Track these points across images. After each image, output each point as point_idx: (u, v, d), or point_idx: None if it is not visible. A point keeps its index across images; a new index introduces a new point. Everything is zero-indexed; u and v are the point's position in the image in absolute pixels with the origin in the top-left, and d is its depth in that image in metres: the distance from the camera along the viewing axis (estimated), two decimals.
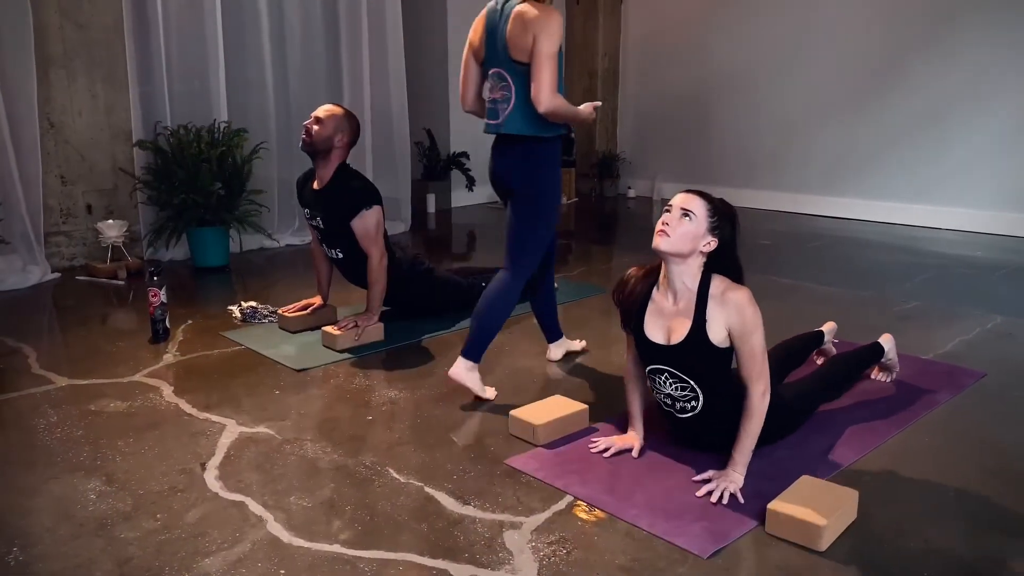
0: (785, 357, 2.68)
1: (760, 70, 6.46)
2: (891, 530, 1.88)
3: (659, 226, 2.04)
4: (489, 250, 5.30)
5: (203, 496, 2.02)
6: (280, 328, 3.41)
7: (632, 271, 2.22)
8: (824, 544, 1.78)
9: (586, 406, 2.44)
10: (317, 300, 3.47)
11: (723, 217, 2.06)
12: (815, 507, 1.82)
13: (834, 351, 2.94)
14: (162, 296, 3.26)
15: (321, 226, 3.25)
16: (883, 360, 2.76)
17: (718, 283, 2.04)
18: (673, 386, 2.12)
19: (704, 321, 2.02)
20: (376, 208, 3.17)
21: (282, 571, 1.71)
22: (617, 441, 2.27)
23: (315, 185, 3.24)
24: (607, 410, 2.55)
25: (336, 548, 1.80)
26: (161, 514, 1.93)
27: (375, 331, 3.24)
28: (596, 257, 5.16)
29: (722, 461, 2.10)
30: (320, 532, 1.86)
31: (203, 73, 4.70)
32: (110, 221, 4.36)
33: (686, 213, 2.02)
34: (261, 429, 2.42)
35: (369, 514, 1.94)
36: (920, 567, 1.73)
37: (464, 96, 2.72)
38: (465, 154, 6.64)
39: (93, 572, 1.70)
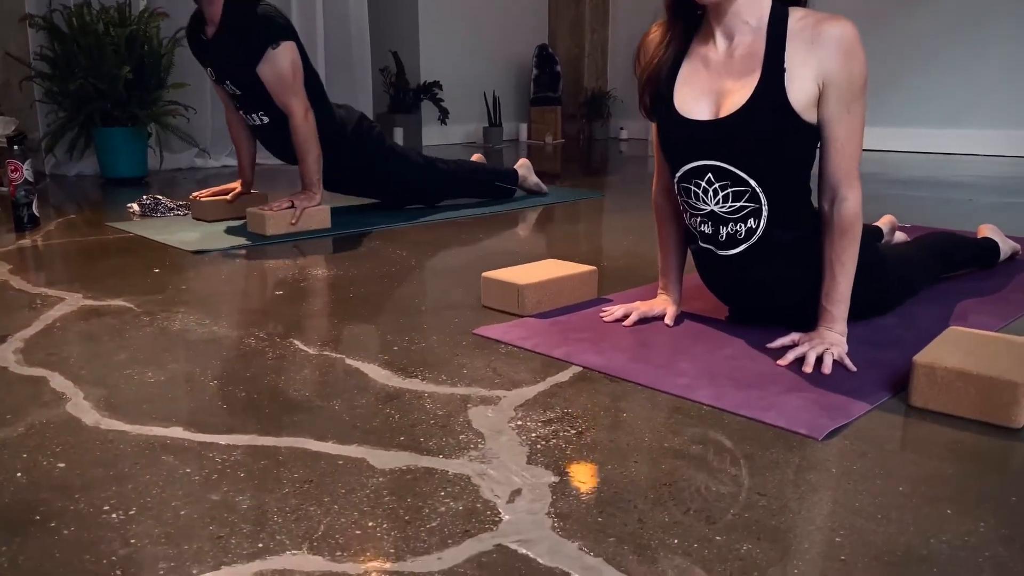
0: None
1: None
2: None
3: None
4: None
5: None
6: (194, 219, 2.63)
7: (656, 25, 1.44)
8: (1023, 417, 1.03)
9: (594, 268, 1.69)
10: (238, 184, 2.69)
11: None
12: (990, 362, 1.08)
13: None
14: (26, 172, 2.47)
15: (237, 91, 2.46)
16: (1000, 261, 1.95)
17: (801, 14, 1.27)
18: (719, 196, 1.33)
19: (782, 69, 1.25)
20: (288, 44, 2.35)
21: (60, 464, 0.94)
22: (641, 306, 1.52)
23: (208, 32, 2.44)
24: (622, 284, 1.80)
25: (173, 431, 1.03)
26: None
27: (318, 215, 2.46)
28: (587, 172, 4.41)
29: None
30: (153, 412, 1.09)
31: None
32: None
33: None
34: (116, 302, 1.65)
35: (246, 390, 1.17)
36: None
37: None
38: (438, 83, 5.84)
39: None
